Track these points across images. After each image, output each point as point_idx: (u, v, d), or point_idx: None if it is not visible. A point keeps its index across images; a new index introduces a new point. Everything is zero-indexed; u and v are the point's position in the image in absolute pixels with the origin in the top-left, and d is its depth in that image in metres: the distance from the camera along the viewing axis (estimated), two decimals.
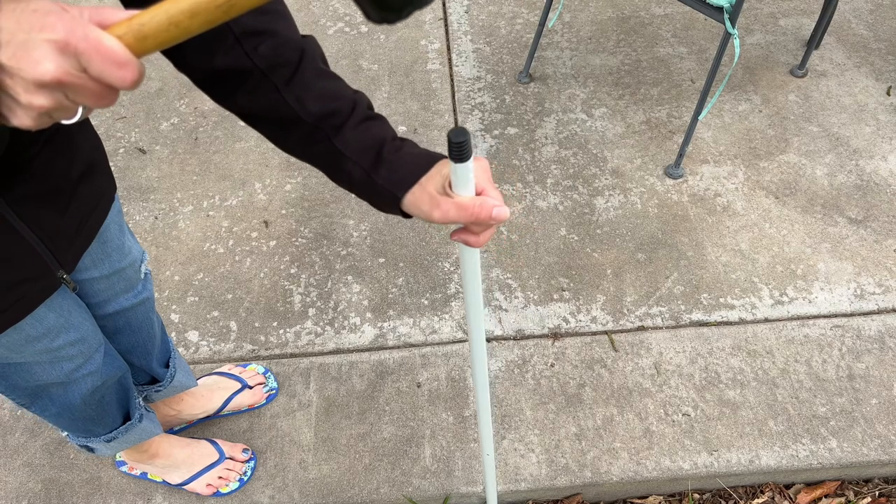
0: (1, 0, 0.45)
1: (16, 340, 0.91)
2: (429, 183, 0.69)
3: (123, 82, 0.47)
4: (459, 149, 0.60)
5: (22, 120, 0.48)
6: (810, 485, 1.55)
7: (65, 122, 0.51)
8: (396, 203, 0.72)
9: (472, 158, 0.62)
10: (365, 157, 0.71)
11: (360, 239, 1.91)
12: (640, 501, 1.54)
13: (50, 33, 0.45)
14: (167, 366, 1.36)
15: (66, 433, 1.22)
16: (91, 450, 1.26)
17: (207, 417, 1.55)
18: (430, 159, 0.71)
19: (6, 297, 0.84)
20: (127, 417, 1.25)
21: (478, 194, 0.68)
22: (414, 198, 0.70)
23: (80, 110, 0.51)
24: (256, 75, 0.70)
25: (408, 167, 0.70)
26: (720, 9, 1.73)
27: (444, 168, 0.69)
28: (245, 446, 1.51)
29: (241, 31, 0.69)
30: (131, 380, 1.25)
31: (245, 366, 1.63)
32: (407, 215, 0.73)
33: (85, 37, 0.46)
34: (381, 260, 1.86)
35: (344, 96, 0.73)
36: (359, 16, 2.56)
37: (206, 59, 0.70)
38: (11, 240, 0.80)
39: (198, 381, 1.56)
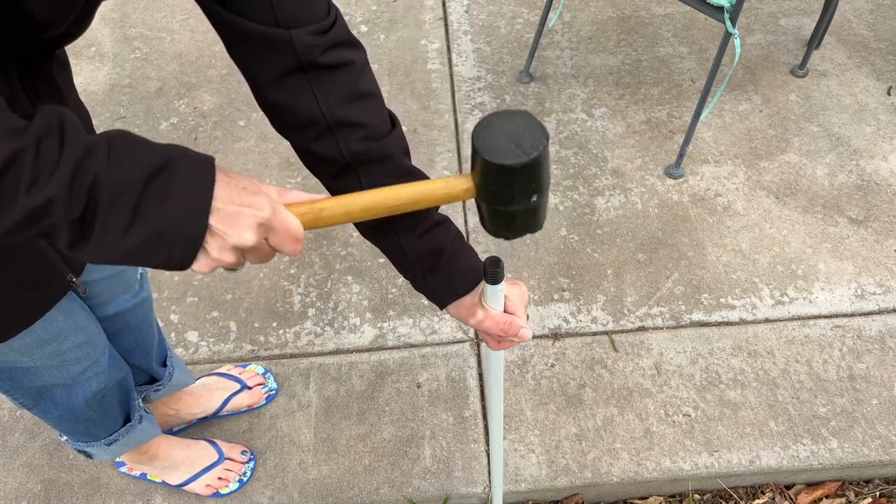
0: (217, 172, 0.55)
1: (27, 344, 0.92)
2: (470, 296, 0.82)
3: (293, 253, 0.60)
4: (494, 275, 0.73)
5: (201, 267, 0.57)
6: (811, 485, 1.55)
7: (228, 271, 0.59)
8: (442, 306, 0.84)
9: (503, 281, 0.75)
10: (425, 261, 0.81)
11: (359, 239, 1.91)
12: (640, 502, 1.53)
13: (258, 212, 0.56)
14: (164, 364, 1.37)
15: (65, 438, 1.22)
16: (89, 455, 1.25)
17: (206, 418, 1.55)
18: (477, 276, 0.82)
19: (20, 301, 0.86)
20: (127, 419, 1.25)
21: (511, 312, 0.81)
22: (455, 306, 0.83)
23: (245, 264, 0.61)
24: (342, 164, 0.76)
25: (458, 281, 0.82)
26: (721, 8, 1.73)
27: (482, 283, 0.80)
28: (244, 447, 1.51)
29: (335, 122, 0.73)
30: (132, 381, 1.25)
31: (244, 366, 1.63)
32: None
33: (280, 218, 0.58)
34: (381, 260, 1.86)
35: None
36: (359, 15, 2.56)
37: (299, 138, 0.76)
38: (24, 244, 0.81)
39: (196, 381, 1.55)
